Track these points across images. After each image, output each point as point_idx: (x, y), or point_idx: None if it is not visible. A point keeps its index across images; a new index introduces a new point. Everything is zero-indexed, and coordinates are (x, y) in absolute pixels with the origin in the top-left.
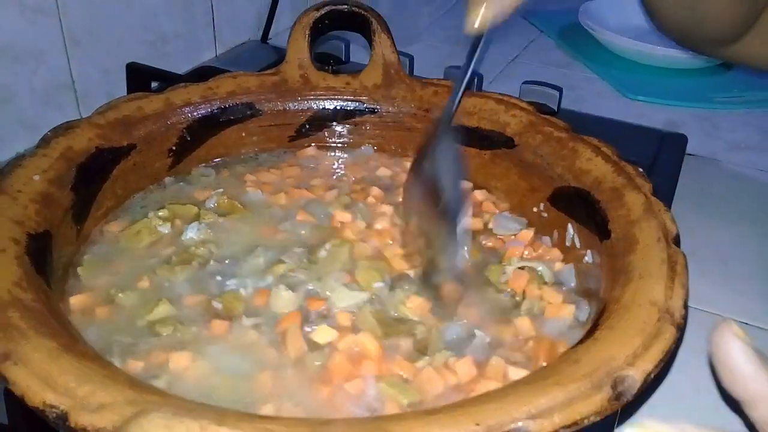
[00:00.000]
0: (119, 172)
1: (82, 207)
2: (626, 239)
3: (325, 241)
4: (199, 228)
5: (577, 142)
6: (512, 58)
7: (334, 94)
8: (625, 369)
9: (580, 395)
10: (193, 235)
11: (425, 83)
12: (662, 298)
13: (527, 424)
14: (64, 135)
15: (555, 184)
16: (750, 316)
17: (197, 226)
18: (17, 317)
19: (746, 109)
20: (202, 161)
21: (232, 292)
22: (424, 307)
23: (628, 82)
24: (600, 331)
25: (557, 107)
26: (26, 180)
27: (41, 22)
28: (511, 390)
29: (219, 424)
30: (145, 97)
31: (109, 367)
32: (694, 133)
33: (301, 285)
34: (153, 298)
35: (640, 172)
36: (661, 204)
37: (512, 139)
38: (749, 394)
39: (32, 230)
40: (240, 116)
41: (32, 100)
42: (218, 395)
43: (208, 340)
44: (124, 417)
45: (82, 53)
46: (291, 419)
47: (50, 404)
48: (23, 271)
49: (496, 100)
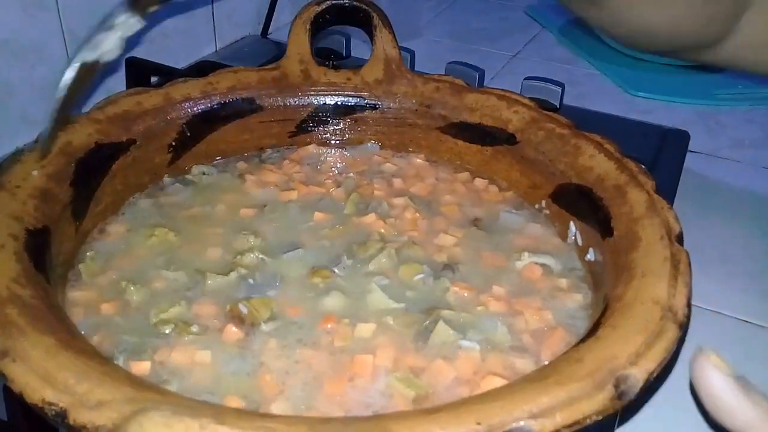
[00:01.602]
0: (118, 168)
1: (81, 203)
2: (629, 237)
3: (351, 241)
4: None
5: (579, 138)
6: (514, 54)
7: (334, 89)
8: (628, 368)
9: (582, 394)
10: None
11: (427, 79)
12: (665, 296)
13: (529, 423)
14: (63, 130)
15: (557, 181)
16: (753, 314)
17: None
18: (15, 314)
19: (749, 106)
20: (201, 157)
21: (260, 298)
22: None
23: (630, 79)
24: (602, 330)
25: (559, 103)
26: (25, 175)
27: (41, 17)
28: (513, 389)
29: (219, 423)
30: (144, 92)
31: (108, 363)
32: (697, 130)
33: (334, 287)
34: (165, 296)
35: (643, 169)
36: (664, 201)
37: (514, 135)
38: (737, 426)
39: (31, 226)
40: (240, 111)
41: (32, 95)
42: (226, 394)
43: (224, 341)
44: (123, 415)
45: None
46: (290, 417)
47: (49, 401)
48: (22, 267)
49: (498, 96)
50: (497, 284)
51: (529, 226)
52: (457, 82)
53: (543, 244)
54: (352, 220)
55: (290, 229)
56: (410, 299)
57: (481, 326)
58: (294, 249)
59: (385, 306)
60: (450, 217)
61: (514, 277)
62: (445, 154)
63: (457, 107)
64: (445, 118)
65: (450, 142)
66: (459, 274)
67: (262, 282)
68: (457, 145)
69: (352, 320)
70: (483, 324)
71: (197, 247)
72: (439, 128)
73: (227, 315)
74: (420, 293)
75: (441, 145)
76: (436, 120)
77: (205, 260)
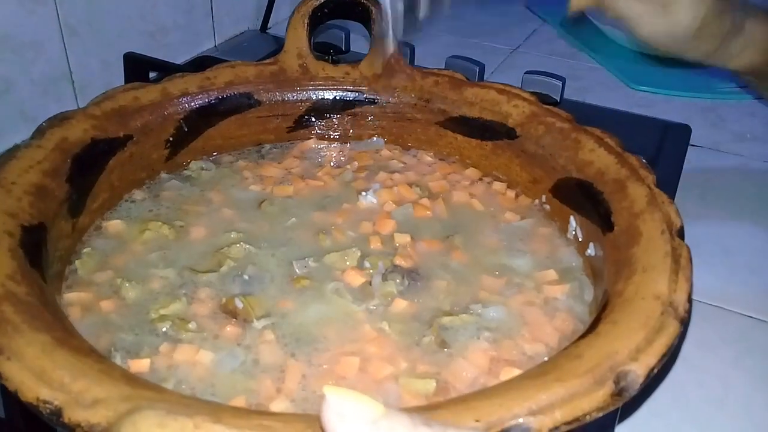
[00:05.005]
0: (115, 164)
1: (77, 199)
2: (629, 231)
3: (349, 237)
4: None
5: (579, 132)
6: (514, 47)
7: (333, 84)
8: (628, 364)
9: (582, 391)
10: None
11: (426, 73)
12: (666, 291)
13: (528, 420)
14: (59, 126)
15: (557, 176)
16: (754, 309)
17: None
18: (11, 311)
19: (751, 99)
20: (199, 153)
21: (255, 296)
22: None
23: (631, 72)
24: (602, 325)
25: (560, 97)
26: (20, 172)
27: (38, 12)
28: (512, 385)
29: (214, 421)
30: (141, 87)
31: (104, 361)
32: (699, 123)
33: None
34: (163, 293)
35: (644, 163)
36: (664, 195)
37: (514, 129)
38: None
39: (26, 223)
40: (238, 107)
41: (30, 91)
42: (225, 393)
43: (220, 338)
44: (118, 413)
45: (79, 44)
46: (288, 415)
47: (44, 400)
48: (17, 264)
49: (498, 90)
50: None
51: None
52: (457, 76)
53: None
54: (351, 215)
55: (288, 225)
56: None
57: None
58: (294, 244)
59: (385, 305)
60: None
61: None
62: (445, 149)
63: (457, 101)
64: (444, 112)
65: (449, 137)
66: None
67: (259, 277)
68: (456, 140)
69: (353, 317)
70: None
71: (194, 243)
72: (438, 122)
73: (222, 309)
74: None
75: (441, 139)
76: (435, 114)
77: (202, 256)
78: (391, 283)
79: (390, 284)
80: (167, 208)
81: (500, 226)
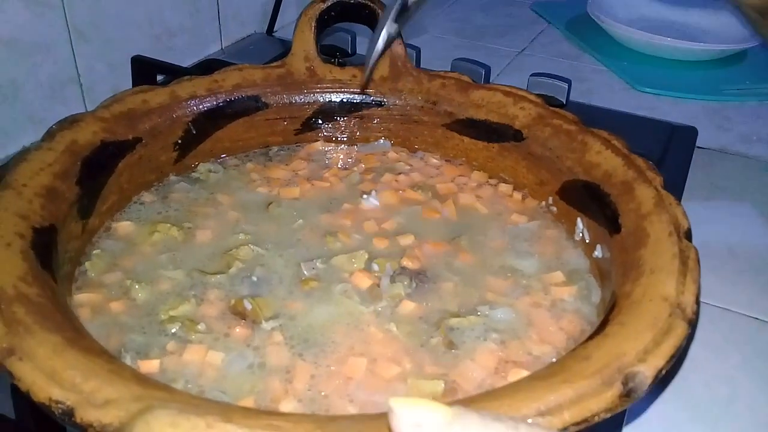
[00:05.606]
0: (124, 166)
1: (87, 201)
2: (637, 233)
3: (357, 239)
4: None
5: (586, 134)
6: (520, 50)
7: (340, 86)
8: (636, 365)
9: (591, 392)
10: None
11: (432, 75)
12: (674, 293)
13: (537, 421)
14: (69, 129)
15: (564, 178)
16: (762, 311)
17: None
18: (22, 312)
19: (758, 101)
20: (207, 155)
21: (264, 297)
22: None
23: (637, 74)
24: (610, 327)
25: (566, 99)
26: (31, 174)
27: (46, 16)
28: (521, 387)
29: (226, 421)
30: (150, 90)
31: (115, 362)
32: (705, 125)
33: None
34: (172, 294)
35: (651, 165)
36: (672, 197)
37: (521, 132)
38: None
39: (37, 224)
40: (246, 109)
41: (38, 94)
42: (233, 394)
43: (229, 339)
44: (130, 413)
45: (87, 47)
46: (298, 415)
47: (56, 400)
48: (28, 266)
49: (504, 93)
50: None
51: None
52: (463, 78)
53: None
54: (358, 217)
55: (296, 226)
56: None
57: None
58: (301, 246)
59: (392, 306)
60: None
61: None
62: (452, 151)
63: (463, 104)
64: (451, 114)
65: (456, 139)
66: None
67: (267, 279)
68: (463, 142)
69: (361, 318)
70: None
71: (203, 245)
72: (445, 125)
73: (231, 310)
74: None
75: (447, 141)
76: (442, 117)
77: (211, 258)
78: (399, 285)
79: (398, 286)
80: (176, 210)
81: (507, 227)
